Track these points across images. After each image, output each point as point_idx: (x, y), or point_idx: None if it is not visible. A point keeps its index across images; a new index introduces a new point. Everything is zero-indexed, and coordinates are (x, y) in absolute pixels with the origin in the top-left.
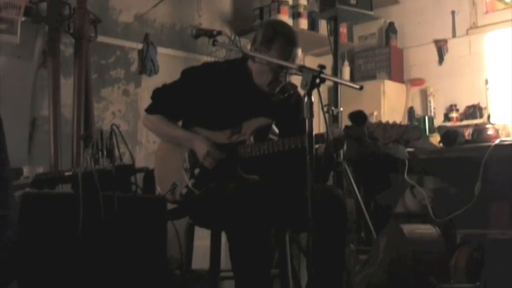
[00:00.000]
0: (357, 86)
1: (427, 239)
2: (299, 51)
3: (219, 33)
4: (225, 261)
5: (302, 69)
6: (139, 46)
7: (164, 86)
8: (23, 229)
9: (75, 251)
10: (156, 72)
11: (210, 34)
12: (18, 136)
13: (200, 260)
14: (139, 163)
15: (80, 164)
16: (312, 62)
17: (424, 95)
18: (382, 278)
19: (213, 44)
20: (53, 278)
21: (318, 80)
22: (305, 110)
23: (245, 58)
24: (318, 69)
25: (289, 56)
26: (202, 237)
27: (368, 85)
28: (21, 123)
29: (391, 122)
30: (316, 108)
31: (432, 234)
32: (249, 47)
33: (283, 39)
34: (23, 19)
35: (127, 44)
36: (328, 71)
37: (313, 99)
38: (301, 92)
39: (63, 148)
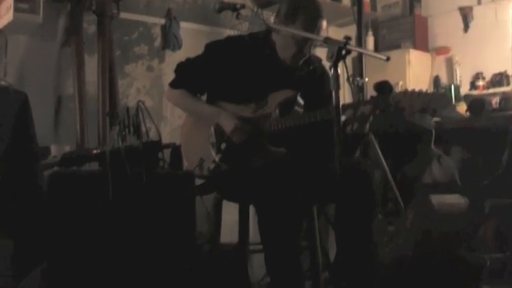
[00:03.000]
0: (384, 57)
1: (455, 210)
2: (324, 23)
3: (242, 6)
4: (253, 234)
5: (327, 41)
6: (162, 21)
7: (188, 60)
8: (51, 208)
9: (104, 228)
10: (179, 47)
11: (233, 7)
12: (44, 115)
13: (228, 233)
14: (165, 138)
15: (106, 142)
16: (335, 33)
17: (450, 64)
18: (410, 250)
19: (237, 18)
20: (82, 257)
21: (343, 52)
22: (331, 82)
23: (269, 31)
24: (344, 40)
25: (314, 28)
26: (229, 211)
27: (393, 55)
28: (46, 102)
29: (417, 90)
30: (341, 79)
31: (460, 205)
32: (272, 19)
33: (308, 12)
34: None
35: (149, 19)
36: (352, 41)
37: (339, 71)
38: (326, 64)
39: (89, 125)
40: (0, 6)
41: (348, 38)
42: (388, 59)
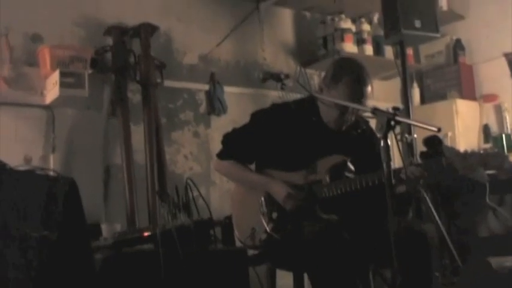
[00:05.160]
0: (435, 129)
1: None
2: (369, 90)
3: (286, 76)
4: None
5: (375, 111)
6: (206, 87)
7: (234, 131)
8: None
9: None
10: (224, 111)
11: (277, 78)
12: (93, 188)
13: None
14: (214, 203)
15: (157, 220)
16: (379, 86)
17: (499, 111)
18: None
19: (281, 88)
20: None
21: (392, 123)
22: (382, 154)
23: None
24: (392, 111)
25: (357, 94)
26: (284, 276)
27: (439, 106)
28: (95, 174)
29: (469, 150)
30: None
31: None
32: (316, 79)
33: (350, 77)
34: (89, 71)
35: (193, 85)
36: (396, 94)
37: (389, 143)
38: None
39: (138, 196)
40: (46, 81)
41: (396, 109)
42: (439, 130)
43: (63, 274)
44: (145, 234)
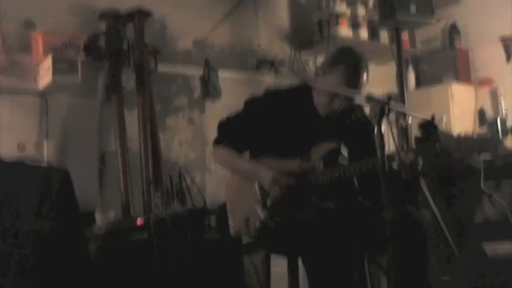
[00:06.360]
0: (428, 117)
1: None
2: (364, 78)
3: (281, 63)
4: (303, 286)
5: (369, 99)
6: (200, 72)
7: (228, 118)
8: (100, 279)
9: None
10: (219, 96)
11: (271, 64)
12: (88, 175)
13: (278, 286)
14: (210, 189)
15: (151, 207)
16: (375, 71)
17: (494, 96)
18: None
19: (275, 75)
20: None
21: (386, 110)
22: (376, 141)
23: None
24: (386, 99)
25: (351, 83)
26: (278, 264)
27: (435, 89)
28: (90, 161)
29: (463, 134)
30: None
31: None
32: (311, 63)
33: (347, 65)
34: (83, 58)
35: (188, 71)
36: (392, 79)
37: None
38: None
39: (133, 183)
40: (40, 67)
41: (389, 97)
42: (433, 118)
43: (58, 265)
44: (139, 223)
